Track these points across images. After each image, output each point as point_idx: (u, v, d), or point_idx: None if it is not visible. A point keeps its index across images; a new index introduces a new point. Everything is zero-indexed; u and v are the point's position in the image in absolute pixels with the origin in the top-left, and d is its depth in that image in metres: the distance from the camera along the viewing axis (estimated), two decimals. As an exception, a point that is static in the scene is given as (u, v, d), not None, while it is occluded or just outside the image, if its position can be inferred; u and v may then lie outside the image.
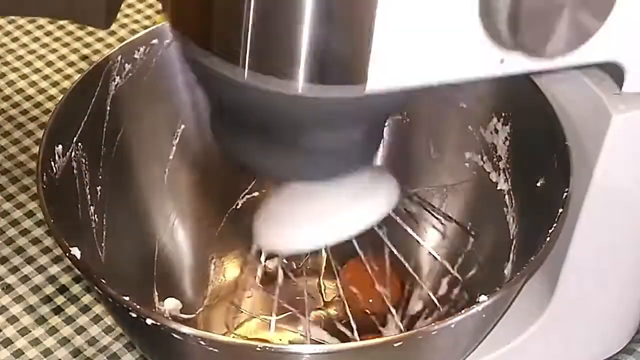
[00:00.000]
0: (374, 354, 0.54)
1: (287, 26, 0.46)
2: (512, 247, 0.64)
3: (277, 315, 0.66)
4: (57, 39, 0.94)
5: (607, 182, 0.60)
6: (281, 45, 0.46)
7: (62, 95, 0.64)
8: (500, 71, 0.51)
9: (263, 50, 0.47)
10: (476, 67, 0.51)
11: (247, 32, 0.46)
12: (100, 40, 0.95)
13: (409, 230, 0.68)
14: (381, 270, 0.68)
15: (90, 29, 0.95)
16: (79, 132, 0.64)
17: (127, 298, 0.54)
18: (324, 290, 0.72)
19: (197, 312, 0.71)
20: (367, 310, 0.70)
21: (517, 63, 0.51)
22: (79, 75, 0.66)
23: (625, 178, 0.61)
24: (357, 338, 0.65)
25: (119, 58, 0.66)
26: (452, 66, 0.50)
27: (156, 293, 0.69)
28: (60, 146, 0.62)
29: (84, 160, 0.64)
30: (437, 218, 0.70)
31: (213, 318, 0.71)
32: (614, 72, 0.57)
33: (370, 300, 0.70)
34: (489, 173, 0.68)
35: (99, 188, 0.65)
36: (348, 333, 0.69)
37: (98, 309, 0.73)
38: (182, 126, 0.69)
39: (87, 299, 0.74)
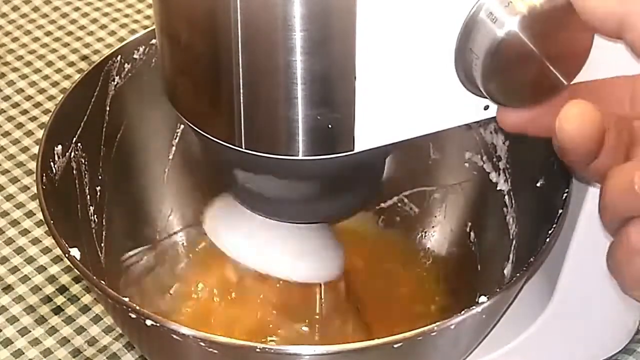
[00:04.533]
0: (374, 354, 0.53)
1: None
2: (512, 247, 0.64)
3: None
4: (57, 39, 0.94)
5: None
6: (276, 128, 0.50)
7: (62, 95, 0.64)
8: (487, 116, 0.52)
9: (259, 133, 0.50)
10: (461, 116, 0.52)
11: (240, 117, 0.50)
12: (100, 40, 0.94)
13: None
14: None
15: (90, 28, 0.95)
16: (78, 132, 0.64)
17: (126, 299, 0.54)
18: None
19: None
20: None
21: None
22: (79, 75, 0.66)
23: (625, 178, 0.60)
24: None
25: (119, 58, 0.66)
26: (435, 118, 0.51)
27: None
28: (59, 146, 0.62)
29: (83, 161, 0.64)
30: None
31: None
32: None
33: None
34: (489, 173, 0.68)
35: (98, 188, 0.65)
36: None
37: (98, 309, 0.73)
38: (182, 126, 0.69)
39: (87, 299, 0.74)
